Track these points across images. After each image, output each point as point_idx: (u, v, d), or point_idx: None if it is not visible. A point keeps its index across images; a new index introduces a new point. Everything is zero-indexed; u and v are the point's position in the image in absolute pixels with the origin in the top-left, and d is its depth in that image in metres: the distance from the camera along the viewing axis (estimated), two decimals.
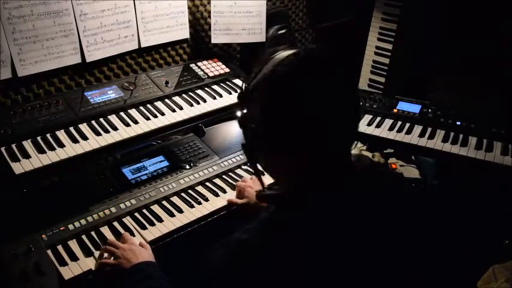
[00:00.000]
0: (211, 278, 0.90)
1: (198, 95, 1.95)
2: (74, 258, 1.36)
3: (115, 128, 1.67)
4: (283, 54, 0.88)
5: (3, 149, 1.50)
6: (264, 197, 1.02)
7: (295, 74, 0.85)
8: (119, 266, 1.29)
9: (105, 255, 1.35)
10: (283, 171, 0.95)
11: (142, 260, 1.28)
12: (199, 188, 1.69)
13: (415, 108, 2.17)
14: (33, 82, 1.73)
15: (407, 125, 2.10)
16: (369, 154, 2.21)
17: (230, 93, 1.99)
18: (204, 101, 1.91)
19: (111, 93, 1.83)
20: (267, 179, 1.71)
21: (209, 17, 2.14)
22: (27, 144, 1.54)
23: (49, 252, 1.36)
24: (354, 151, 1.99)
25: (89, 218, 1.48)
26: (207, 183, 1.72)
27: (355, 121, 0.92)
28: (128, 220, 1.52)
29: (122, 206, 1.55)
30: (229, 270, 0.87)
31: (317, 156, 0.88)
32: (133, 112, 1.78)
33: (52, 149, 1.54)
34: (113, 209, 1.53)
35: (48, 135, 1.60)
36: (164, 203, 1.61)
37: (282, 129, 0.86)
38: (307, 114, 0.83)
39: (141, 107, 1.82)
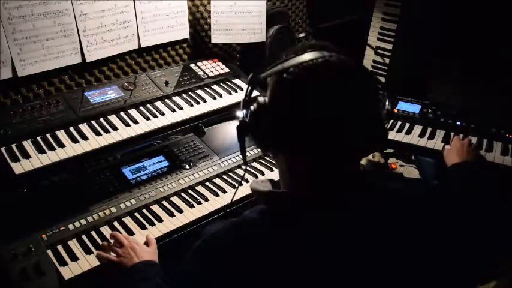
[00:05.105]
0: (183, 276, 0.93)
1: (198, 95, 1.95)
2: (74, 258, 1.36)
3: (115, 128, 1.67)
4: (306, 56, 0.85)
5: (3, 149, 1.51)
6: (255, 191, 0.98)
7: (310, 80, 0.83)
8: (119, 264, 1.30)
9: (105, 254, 1.36)
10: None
11: (143, 259, 1.29)
12: (199, 188, 1.69)
13: (415, 108, 2.17)
14: (33, 82, 1.73)
15: (407, 125, 2.10)
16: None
17: (230, 93, 1.99)
18: (204, 101, 1.91)
19: (111, 93, 1.83)
20: (271, 176, 1.74)
21: (209, 17, 2.14)
22: (27, 144, 1.54)
23: (49, 252, 1.36)
24: None
25: (89, 218, 1.48)
26: (207, 183, 1.72)
27: (366, 133, 0.86)
28: (127, 220, 1.52)
29: (122, 206, 1.55)
30: (200, 267, 0.90)
31: (309, 163, 0.87)
32: (133, 112, 1.78)
33: (52, 149, 1.54)
34: (113, 209, 1.53)
35: (48, 135, 1.60)
36: (164, 203, 1.61)
37: (280, 124, 0.85)
38: (310, 119, 0.82)
39: (141, 107, 1.82)
